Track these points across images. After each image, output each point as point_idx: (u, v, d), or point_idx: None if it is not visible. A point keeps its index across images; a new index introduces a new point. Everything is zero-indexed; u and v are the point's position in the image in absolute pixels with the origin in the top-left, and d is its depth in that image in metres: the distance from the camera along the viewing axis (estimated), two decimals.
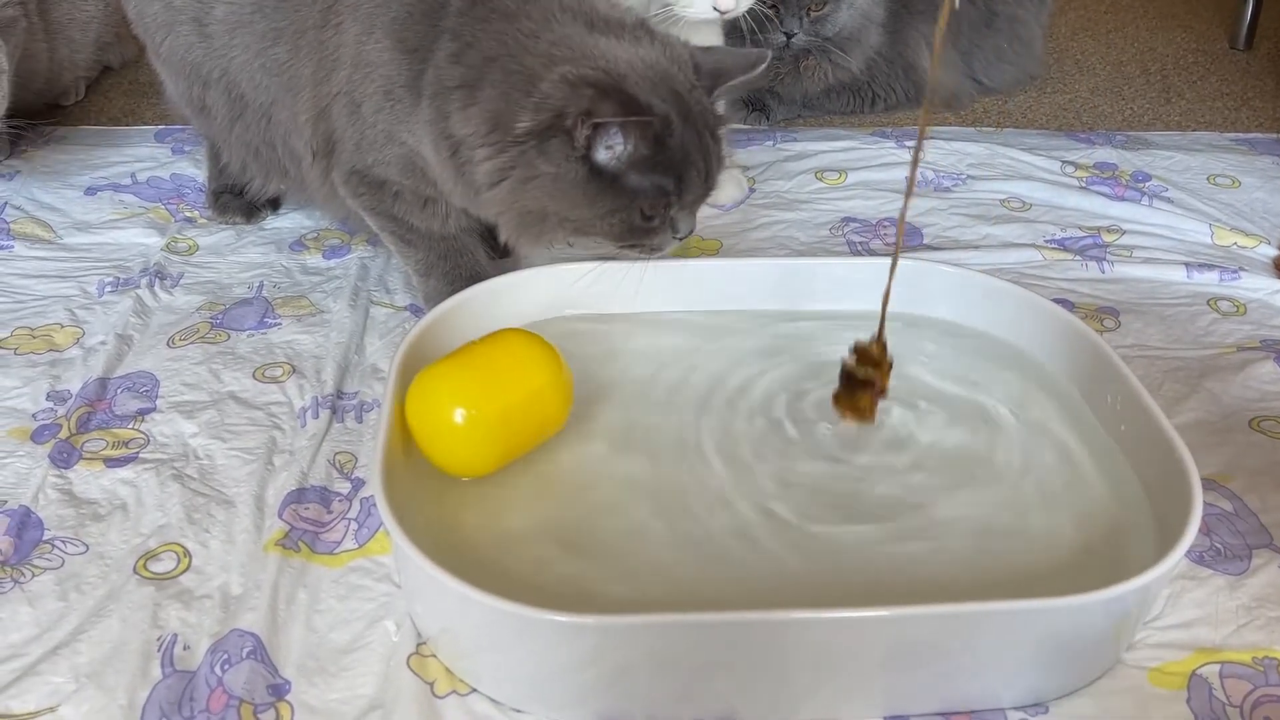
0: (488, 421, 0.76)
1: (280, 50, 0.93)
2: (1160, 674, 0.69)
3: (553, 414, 0.80)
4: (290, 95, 0.94)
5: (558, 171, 0.80)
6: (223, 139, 1.05)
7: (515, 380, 0.78)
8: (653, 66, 0.82)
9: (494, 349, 0.79)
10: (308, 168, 0.97)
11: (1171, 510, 0.71)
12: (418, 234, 0.96)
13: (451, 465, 0.77)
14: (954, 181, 1.26)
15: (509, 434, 0.77)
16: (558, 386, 0.79)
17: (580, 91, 0.78)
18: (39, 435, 0.86)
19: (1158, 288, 1.08)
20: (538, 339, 0.80)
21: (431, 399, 0.77)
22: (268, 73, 0.95)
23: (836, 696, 0.66)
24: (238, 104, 0.99)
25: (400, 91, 0.87)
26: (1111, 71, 1.62)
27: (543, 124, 0.79)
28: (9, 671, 0.67)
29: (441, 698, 0.67)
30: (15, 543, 0.76)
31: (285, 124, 0.97)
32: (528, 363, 0.79)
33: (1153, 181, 1.27)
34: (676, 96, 0.82)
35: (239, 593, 0.73)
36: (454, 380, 0.77)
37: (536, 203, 0.82)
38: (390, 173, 0.92)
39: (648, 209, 0.82)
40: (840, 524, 0.76)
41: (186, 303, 1.03)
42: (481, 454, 0.77)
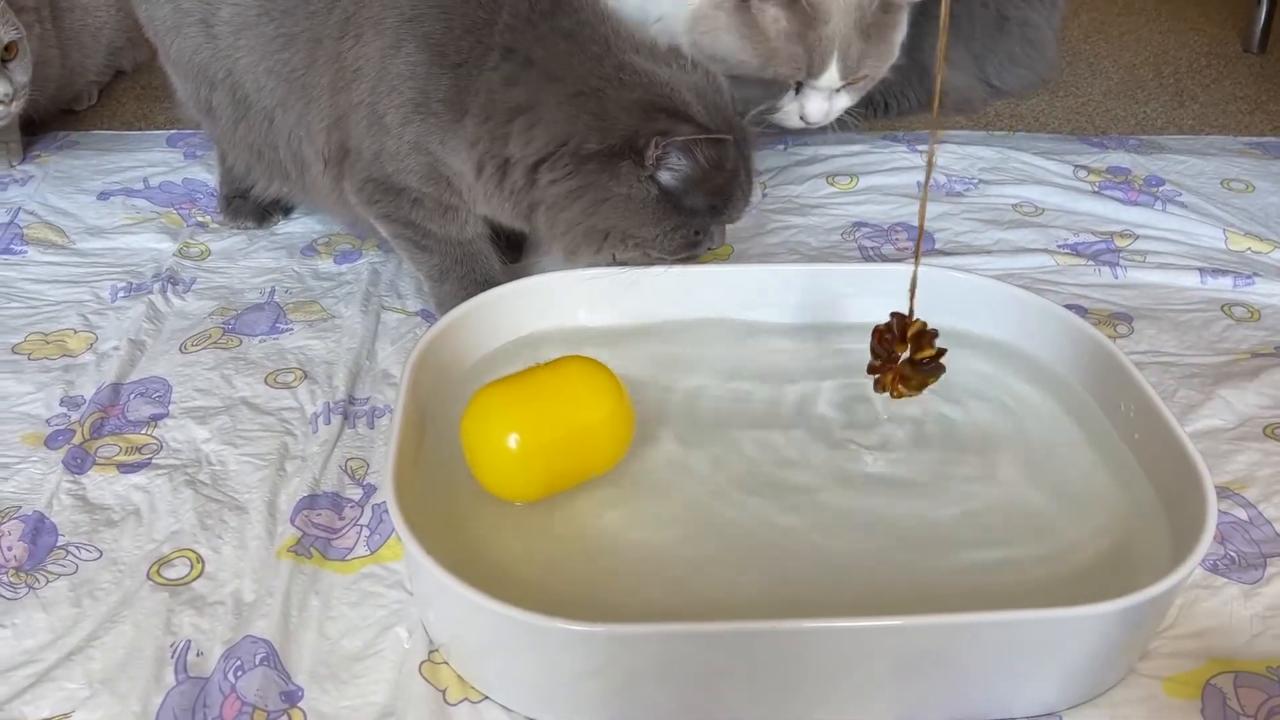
0: (539, 451, 0.74)
1: (292, 56, 0.93)
2: (1174, 684, 0.69)
3: (609, 450, 0.78)
4: (304, 103, 0.94)
5: (629, 193, 0.85)
6: (227, 140, 1.06)
7: (575, 412, 0.76)
8: (705, 92, 0.87)
9: (559, 376, 0.78)
10: (317, 174, 0.98)
11: (1186, 518, 0.70)
12: (434, 239, 0.97)
13: (499, 488, 0.76)
14: (966, 186, 1.25)
15: (560, 466, 0.75)
16: (618, 423, 0.77)
17: (653, 117, 0.84)
18: (53, 441, 0.86)
19: (1171, 293, 1.07)
20: (605, 371, 0.78)
21: (487, 421, 0.75)
22: (275, 76, 0.95)
23: (846, 706, 0.66)
24: (241, 105, 1.00)
25: (437, 105, 0.87)
26: (1124, 75, 1.61)
27: (614, 147, 0.83)
28: (24, 677, 0.68)
29: (453, 705, 0.67)
30: (30, 549, 0.77)
31: (290, 128, 0.97)
32: (591, 395, 0.77)
33: (1166, 186, 1.26)
34: (727, 120, 0.87)
35: (251, 599, 0.73)
36: (512, 404, 0.76)
37: (606, 222, 0.86)
38: (411, 180, 0.92)
39: (699, 226, 0.87)
40: (849, 531, 0.76)
41: (199, 308, 1.03)
42: (529, 482, 0.75)
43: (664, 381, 0.89)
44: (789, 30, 0.95)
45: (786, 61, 0.97)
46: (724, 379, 0.89)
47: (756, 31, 0.96)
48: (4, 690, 0.67)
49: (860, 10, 0.96)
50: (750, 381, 0.89)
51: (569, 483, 0.77)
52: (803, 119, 1.03)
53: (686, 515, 0.77)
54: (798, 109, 1.02)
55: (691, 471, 0.80)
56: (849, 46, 0.97)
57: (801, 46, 0.96)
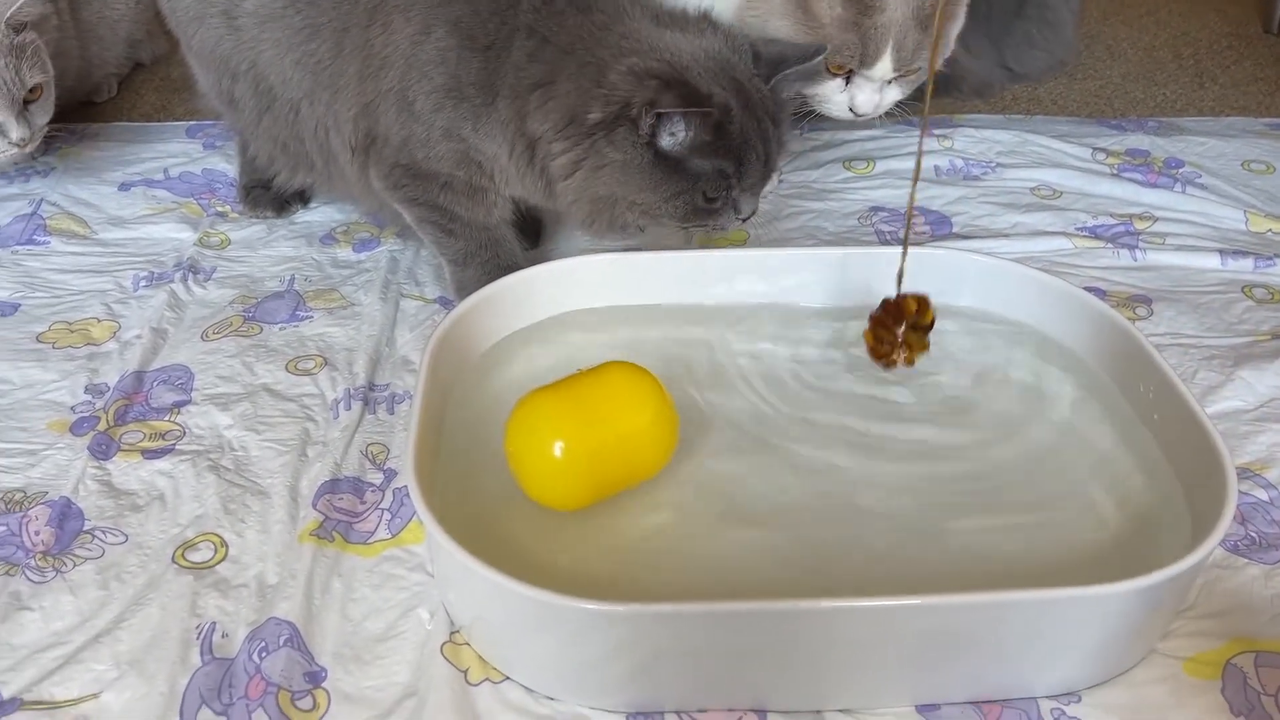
0: (585, 459, 0.73)
1: (318, 47, 0.94)
2: (1194, 663, 0.69)
3: (654, 456, 0.76)
4: (330, 92, 0.95)
5: (625, 158, 0.84)
6: (250, 131, 1.06)
7: (619, 418, 0.75)
8: (714, 57, 0.86)
9: (601, 383, 0.76)
10: (345, 163, 0.98)
11: (1206, 499, 0.70)
12: (460, 224, 0.97)
13: (545, 496, 0.75)
14: (984, 170, 1.25)
15: (604, 472, 0.74)
16: (662, 428, 0.76)
17: (645, 82, 0.82)
18: (78, 428, 0.87)
19: (1191, 275, 1.07)
20: (648, 376, 0.77)
21: (531, 429, 0.74)
22: (301, 67, 0.96)
23: (867, 686, 0.66)
24: (265, 97, 1.00)
25: (470, 90, 0.88)
26: (1143, 57, 1.60)
27: (611, 114, 0.83)
28: (52, 659, 0.69)
29: (475, 685, 0.67)
30: (57, 533, 0.78)
31: (318, 119, 0.98)
32: (634, 401, 0.76)
33: (1186, 168, 1.25)
34: (737, 85, 0.85)
35: (275, 582, 0.74)
36: (555, 412, 0.74)
37: (606, 189, 0.86)
38: (442, 166, 0.93)
39: (710, 191, 0.86)
40: (869, 514, 0.76)
41: (219, 296, 1.04)
42: (575, 489, 0.74)
43: (684, 363, 0.89)
44: (844, 17, 0.92)
45: (839, 49, 0.94)
46: (745, 360, 0.89)
47: (809, 16, 0.94)
48: (33, 672, 0.68)
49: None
50: (770, 362, 0.89)
51: (614, 489, 0.75)
52: (851, 110, 0.99)
53: (707, 495, 0.77)
54: (846, 99, 0.99)
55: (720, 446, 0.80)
56: (905, 36, 0.94)
57: (856, 34, 0.93)
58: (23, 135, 1.09)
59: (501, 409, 0.84)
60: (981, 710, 0.66)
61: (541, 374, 0.87)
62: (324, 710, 0.66)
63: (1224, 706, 0.66)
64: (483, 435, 0.81)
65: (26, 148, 1.10)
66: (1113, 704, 0.66)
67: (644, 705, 0.66)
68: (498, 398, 0.85)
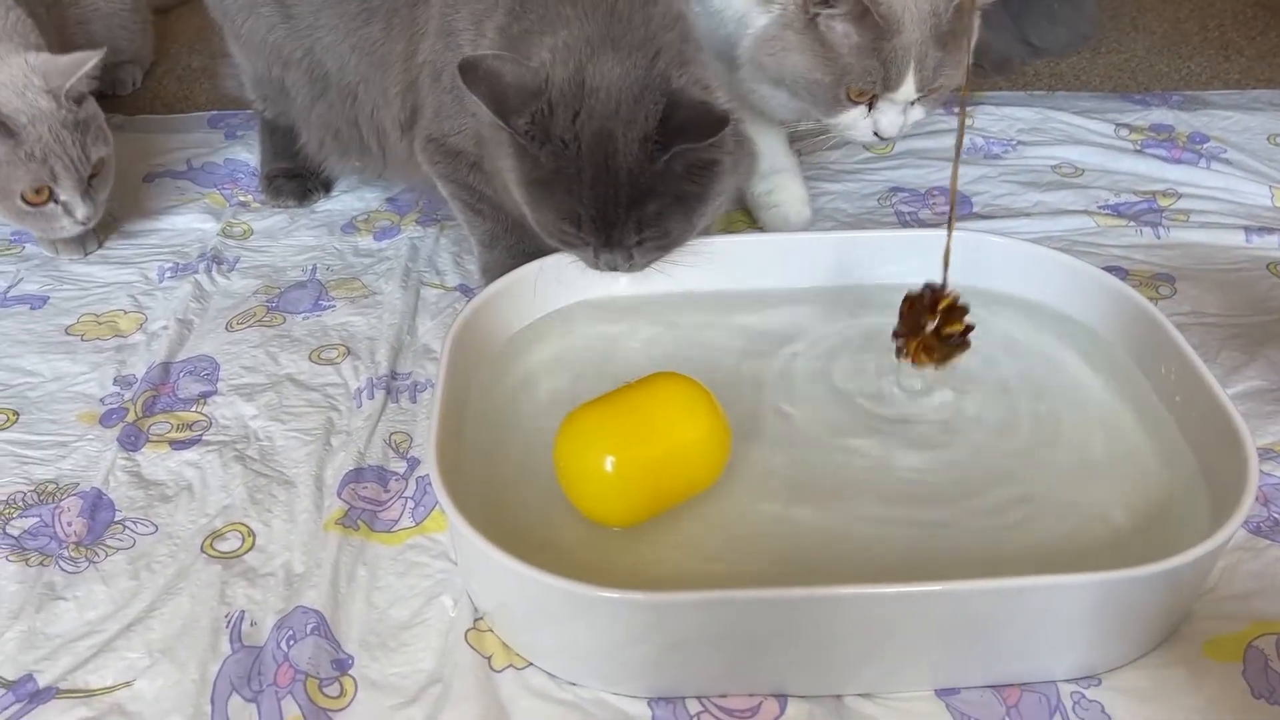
0: (638, 473, 0.72)
1: (373, 29, 0.96)
2: (1215, 646, 0.69)
3: (707, 468, 0.75)
4: (381, 72, 0.96)
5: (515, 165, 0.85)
6: (301, 119, 1.07)
7: (670, 431, 0.73)
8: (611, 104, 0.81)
9: (651, 395, 0.75)
10: (395, 141, 1.00)
11: (1228, 481, 0.70)
12: (488, 204, 0.97)
13: (597, 512, 0.73)
14: (1004, 148, 1.24)
15: (658, 488, 0.73)
16: (714, 440, 0.75)
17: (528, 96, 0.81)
18: (107, 419, 0.89)
19: (1215, 252, 1.06)
20: (698, 387, 0.75)
21: (581, 444, 0.73)
22: (358, 52, 0.97)
23: (888, 670, 0.67)
24: (319, 83, 1.01)
25: None
26: (1168, 29, 1.57)
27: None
28: (87, 648, 0.70)
29: (499, 671, 0.68)
30: (89, 524, 0.79)
31: (374, 102, 0.99)
32: (685, 412, 0.74)
33: (1210, 143, 1.24)
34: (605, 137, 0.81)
35: (301, 570, 0.75)
36: (606, 427, 0.73)
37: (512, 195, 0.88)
38: (465, 143, 0.93)
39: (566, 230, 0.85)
40: (891, 497, 0.76)
41: (243, 287, 1.05)
42: (627, 505, 0.73)
43: (709, 350, 0.89)
44: (860, 44, 0.92)
45: (861, 76, 0.93)
46: (772, 346, 0.89)
47: (827, 49, 0.93)
48: (68, 660, 0.70)
49: (935, 17, 0.91)
50: (798, 347, 0.89)
51: (668, 504, 0.74)
52: (877, 134, 0.98)
53: (727, 483, 0.77)
54: (870, 125, 0.97)
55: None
56: (925, 56, 0.92)
57: (876, 59, 0.92)
58: (88, 214, 1.01)
59: (523, 396, 0.85)
60: (1000, 694, 0.66)
61: (563, 362, 0.89)
62: (351, 697, 0.67)
63: (1245, 689, 0.66)
64: (505, 423, 0.82)
65: (90, 224, 1.03)
66: (1132, 687, 0.66)
67: (665, 691, 0.66)
68: (519, 385, 0.86)
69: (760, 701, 0.66)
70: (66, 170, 0.98)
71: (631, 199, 0.82)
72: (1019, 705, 0.66)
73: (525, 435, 0.81)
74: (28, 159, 0.97)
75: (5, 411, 0.89)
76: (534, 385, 0.87)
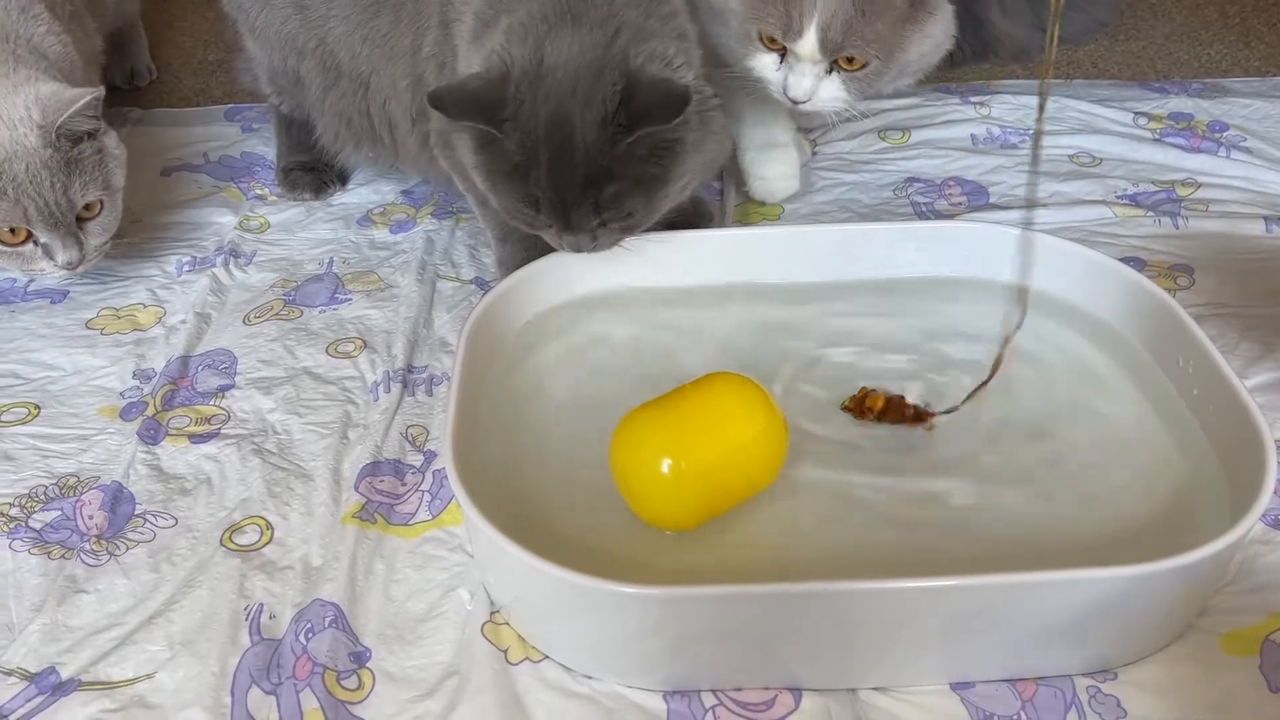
0: (695, 474, 0.71)
1: (382, 22, 0.96)
2: (1232, 639, 0.68)
3: (765, 467, 0.74)
4: (390, 64, 0.97)
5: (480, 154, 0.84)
6: (316, 110, 1.08)
7: (727, 430, 0.73)
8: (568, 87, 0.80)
9: (709, 395, 0.74)
10: (406, 134, 1.00)
11: (1245, 474, 0.70)
12: None
13: (655, 516, 0.73)
14: (1021, 137, 1.23)
15: (716, 488, 0.72)
16: (771, 437, 0.74)
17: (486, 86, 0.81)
18: (127, 413, 0.90)
19: (1234, 243, 1.05)
20: (755, 386, 0.75)
21: (641, 448, 0.73)
22: (369, 43, 0.97)
23: (902, 664, 0.67)
24: (332, 74, 1.02)
25: None
26: (1188, 15, 1.56)
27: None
28: (109, 640, 0.71)
29: (515, 664, 0.69)
30: (110, 517, 0.80)
31: (385, 92, 0.99)
32: (740, 411, 0.73)
33: (1231, 131, 1.23)
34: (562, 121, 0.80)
35: (319, 564, 0.76)
36: (662, 428, 0.72)
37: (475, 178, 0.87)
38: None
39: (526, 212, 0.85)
40: (905, 490, 0.76)
41: (260, 280, 1.05)
42: (687, 508, 0.72)
43: (730, 343, 0.89)
44: None
45: (766, 13, 0.88)
46: (790, 338, 0.89)
47: None
48: (90, 653, 0.70)
49: None
50: (816, 339, 0.89)
51: (727, 505, 0.73)
52: (786, 93, 0.93)
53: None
54: (781, 79, 0.93)
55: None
56: (832, 14, 0.87)
57: (780, 2, 0.88)
58: (70, 258, 0.94)
59: (539, 389, 0.85)
60: (1016, 688, 0.66)
61: (579, 356, 0.89)
62: (369, 689, 0.68)
63: (1261, 683, 0.66)
64: (521, 416, 0.82)
65: (78, 269, 0.96)
66: (1149, 681, 0.66)
67: (681, 684, 0.67)
68: (536, 378, 0.87)
69: (775, 695, 0.66)
70: (40, 213, 0.91)
71: (589, 181, 0.80)
72: (1034, 699, 0.66)
73: (541, 428, 0.82)
74: (0, 196, 0.90)
75: (27, 405, 0.90)
76: (550, 378, 0.87)
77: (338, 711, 0.66)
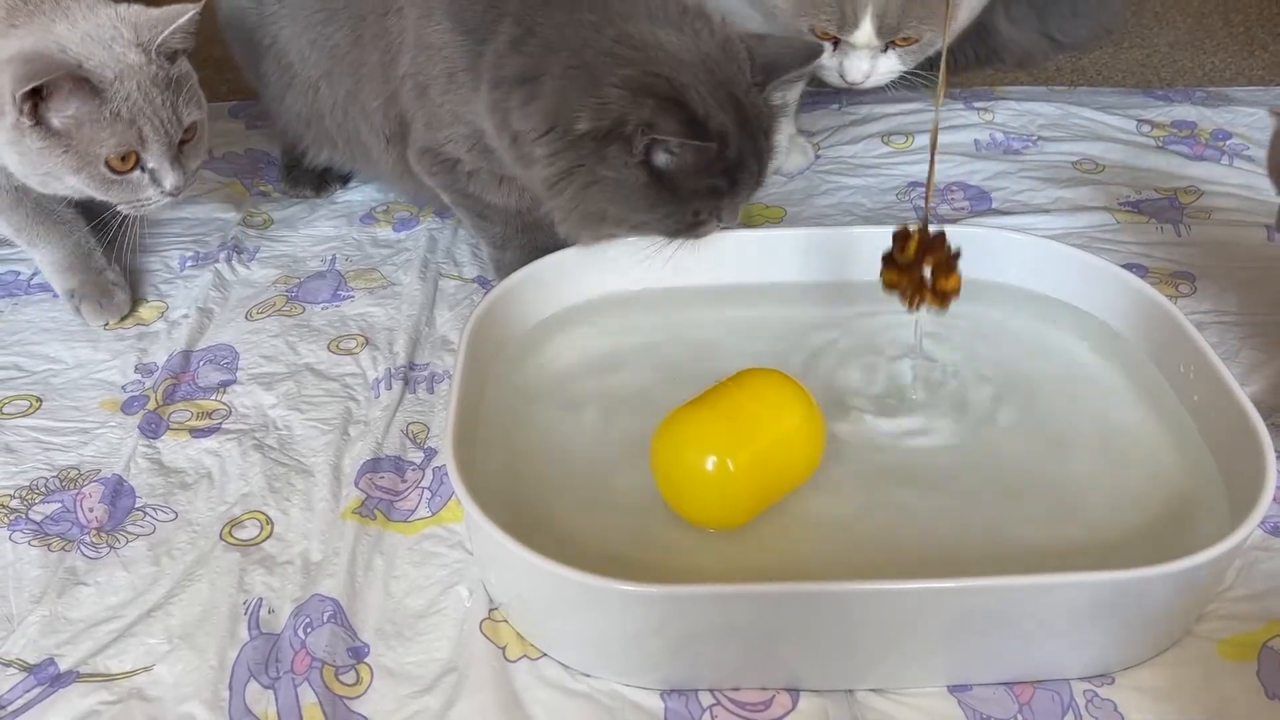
0: (740, 470, 0.71)
1: (334, 32, 0.95)
2: (1230, 645, 0.68)
3: (807, 458, 0.75)
4: (353, 80, 0.96)
5: (617, 176, 0.81)
6: (275, 108, 1.08)
7: (768, 425, 0.73)
8: (712, 68, 0.81)
9: (743, 391, 0.74)
10: (380, 153, 0.99)
11: (1245, 481, 0.70)
12: (493, 210, 0.97)
13: (706, 517, 0.73)
14: (1024, 143, 1.23)
15: (766, 483, 0.73)
16: (811, 429, 0.74)
17: (641, 100, 0.78)
18: (128, 407, 0.90)
19: (1236, 251, 1.05)
20: (788, 379, 0.75)
21: (680, 447, 0.73)
22: (318, 49, 0.97)
23: (900, 666, 0.67)
24: (287, 73, 1.02)
25: (462, 75, 0.87)
26: (1192, 24, 1.56)
27: (603, 129, 0.79)
28: (108, 633, 0.71)
29: (513, 662, 0.69)
30: (110, 510, 0.80)
31: (337, 100, 0.99)
32: (779, 405, 0.74)
33: (1234, 139, 1.23)
34: (734, 101, 0.82)
35: (319, 559, 0.76)
36: (704, 426, 0.72)
37: (597, 205, 0.83)
38: (460, 151, 0.93)
39: (701, 208, 0.84)
40: (905, 492, 0.76)
41: (263, 276, 1.06)
42: (740, 506, 0.72)
43: (728, 345, 0.89)
44: None
45: (818, 12, 0.89)
46: (788, 340, 0.89)
47: None
48: (89, 645, 0.70)
49: None
50: (815, 342, 0.89)
51: (772, 500, 0.73)
52: (842, 77, 0.95)
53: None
54: (836, 65, 0.95)
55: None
56: (886, 3, 0.90)
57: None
58: (177, 183, 0.90)
59: (541, 388, 0.86)
60: (1013, 691, 0.66)
61: (582, 355, 0.89)
62: (367, 685, 0.68)
63: (1259, 689, 0.66)
64: (523, 414, 0.83)
65: (179, 195, 0.91)
66: (1146, 686, 0.66)
67: (679, 683, 0.67)
68: (538, 377, 0.87)
69: (773, 695, 0.66)
70: (156, 133, 0.87)
71: (766, 140, 0.85)
72: (1031, 702, 0.66)
73: (542, 427, 0.82)
74: (113, 119, 0.85)
75: (29, 398, 0.90)
76: (552, 377, 0.87)
77: (335, 706, 0.66)
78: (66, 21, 0.86)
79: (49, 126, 0.84)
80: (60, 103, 0.83)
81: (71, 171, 0.86)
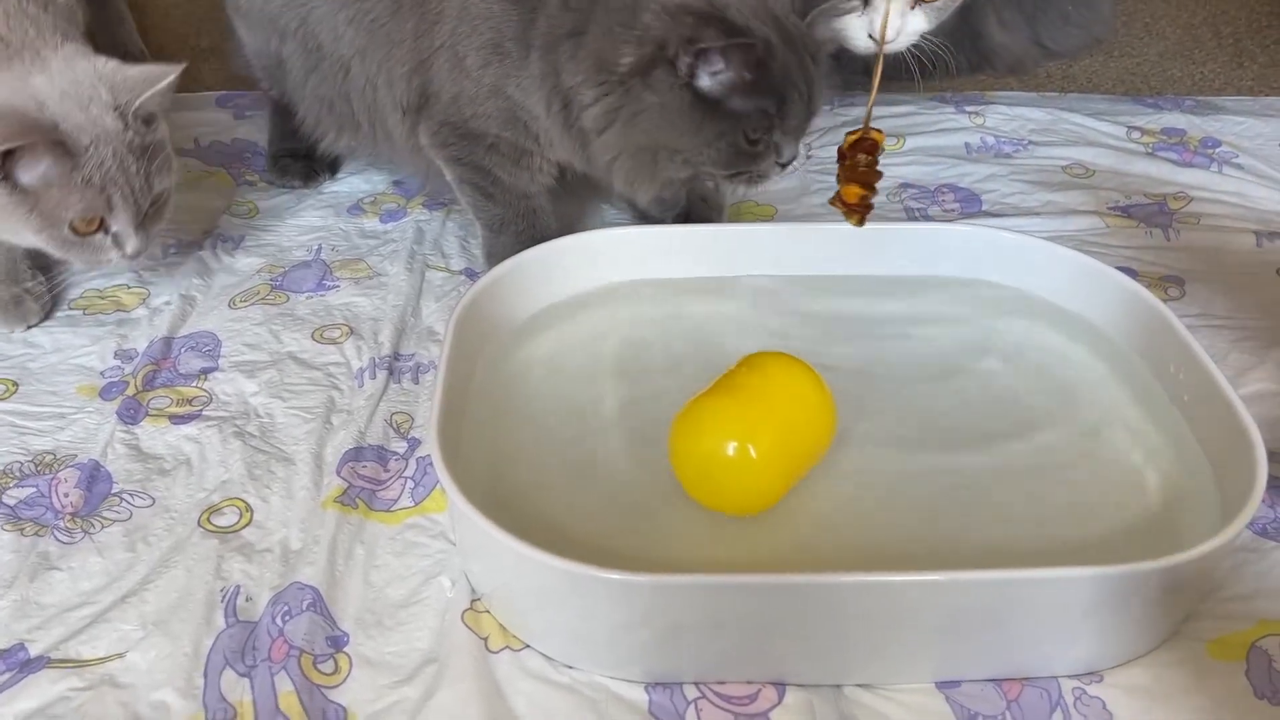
0: (763, 453, 0.71)
1: (374, 5, 0.94)
2: (1218, 645, 0.68)
3: (822, 437, 0.75)
4: (385, 50, 0.95)
5: (663, 102, 0.81)
6: (297, 93, 1.06)
7: (783, 406, 0.73)
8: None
9: (756, 376, 0.75)
10: (394, 123, 0.99)
11: (1235, 481, 0.69)
12: (500, 188, 0.97)
13: (733, 504, 0.73)
14: (1015, 147, 1.23)
15: (788, 466, 0.73)
16: (824, 408, 0.75)
17: (680, 19, 0.80)
18: (107, 392, 0.88)
19: (1225, 256, 1.05)
20: (798, 362, 0.76)
21: (701, 434, 0.72)
22: (354, 25, 0.96)
23: (888, 661, 0.66)
24: (314, 55, 1.01)
25: (510, 45, 0.87)
26: (1182, 34, 1.57)
27: (646, 56, 0.81)
28: (80, 618, 0.70)
29: (495, 652, 0.68)
30: (85, 495, 0.78)
31: (369, 77, 0.98)
32: (792, 387, 0.74)
33: (1222, 147, 1.23)
34: (775, 20, 0.83)
35: (298, 547, 0.75)
36: (724, 413, 0.72)
37: (646, 137, 0.84)
38: (490, 125, 0.92)
39: (751, 132, 0.83)
40: (896, 490, 0.76)
41: (247, 265, 1.04)
42: (766, 491, 0.72)
43: (716, 337, 0.89)
44: None
45: None
46: (775, 335, 0.88)
47: None
48: (61, 630, 0.69)
49: None
50: (799, 337, 0.88)
51: (792, 481, 0.74)
52: (871, 36, 0.96)
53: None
54: (866, 24, 0.96)
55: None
56: None
57: None
58: (139, 247, 0.87)
59: (526, 380, 0.85)
60: (1001, 688, 0.66)
61: (567, 346, 0.88)
62: (345, 674, 0.67)
63: (1247, 689, 0.66)
64: (507, 406, 0.82)
65: (136, 259, 0.89)
66: (1134, 684, 0.66)
67: (663, 675, 0.66)
68: (523, 368, 0.86)
69: (759, 689, 0.66)
70: (125, 201, 0.84)
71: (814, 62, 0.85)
72: (1020, 699, 0.65)
73: (527, 418, 0.81)
74: (84, 185, 0.82)
75: (5, 382, 0.89)
76: (537, 369, 0.86)
77: (313, 695, 0.65)
78: (44, 75, 0.83)
79: (15, 183, 0.82)
80: (32, 162, 0.81)
81: (33, 231, 0.84)
